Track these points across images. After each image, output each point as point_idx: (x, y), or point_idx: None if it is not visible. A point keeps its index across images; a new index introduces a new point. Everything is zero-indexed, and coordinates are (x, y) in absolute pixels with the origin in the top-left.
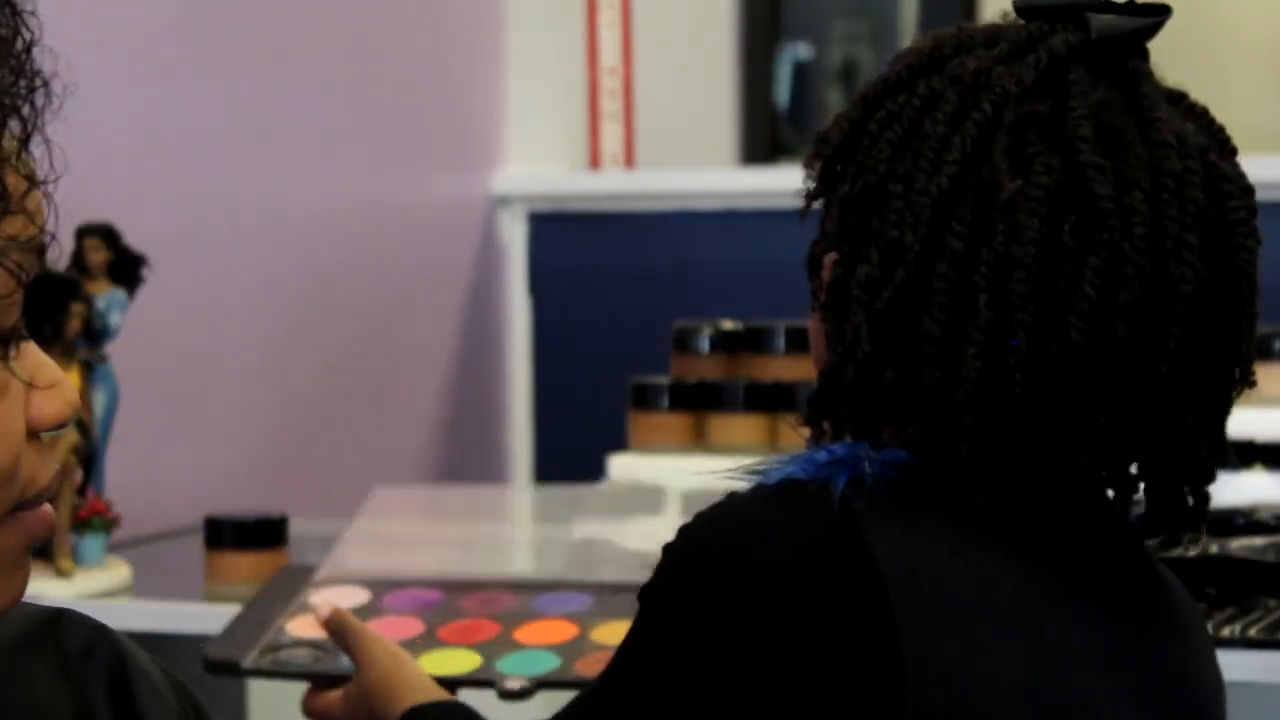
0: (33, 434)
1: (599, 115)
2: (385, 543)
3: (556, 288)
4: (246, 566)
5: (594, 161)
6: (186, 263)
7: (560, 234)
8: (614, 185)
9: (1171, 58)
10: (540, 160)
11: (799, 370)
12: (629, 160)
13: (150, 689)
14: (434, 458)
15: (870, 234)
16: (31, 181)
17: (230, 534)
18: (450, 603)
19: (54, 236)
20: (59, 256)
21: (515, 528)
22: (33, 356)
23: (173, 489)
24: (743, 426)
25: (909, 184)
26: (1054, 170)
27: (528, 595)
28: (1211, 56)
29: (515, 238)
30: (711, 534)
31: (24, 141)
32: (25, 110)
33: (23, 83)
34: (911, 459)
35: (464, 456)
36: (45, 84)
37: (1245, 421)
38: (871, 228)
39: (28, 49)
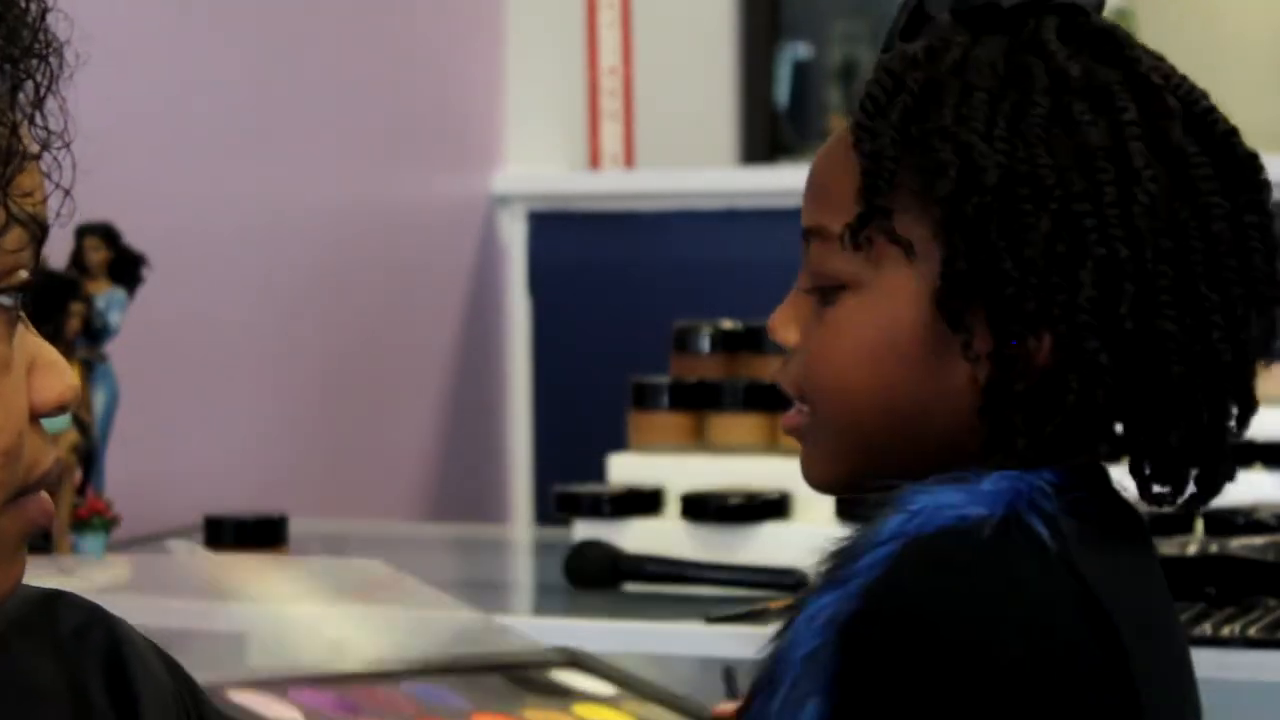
0: (34, 418)
1: (599, 115)
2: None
3: (556, 288)
4: None
5: (594, 161)
6: (186, 263)
7: (560, 234)
8: (614, 185)
9: (1171, 58)
10: (540, 160)
11: None
12: (629, 160)
13: (145, 669)
14: (434, 457)
15: (1059, 259)
16: (45, 143)
17: (230, 534)
18: (360, 698)
19: (69, 192)
20: (73, 213)
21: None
22: (33, 340)
23: (173, 489)
24: (743, 426)
25: (1096, 199)
26: (1200, 149)
27: (392, 684)
28: (1211, 56)
29: (515, 237)
30: (932, 598)
31: (38, 104)
32: (40, 74)
33: (38, 46)
34: (1059, 477)
35: (464, 456)
36: (60, 50)
37: None
38: (1057, 253)
39: (42, 15)
